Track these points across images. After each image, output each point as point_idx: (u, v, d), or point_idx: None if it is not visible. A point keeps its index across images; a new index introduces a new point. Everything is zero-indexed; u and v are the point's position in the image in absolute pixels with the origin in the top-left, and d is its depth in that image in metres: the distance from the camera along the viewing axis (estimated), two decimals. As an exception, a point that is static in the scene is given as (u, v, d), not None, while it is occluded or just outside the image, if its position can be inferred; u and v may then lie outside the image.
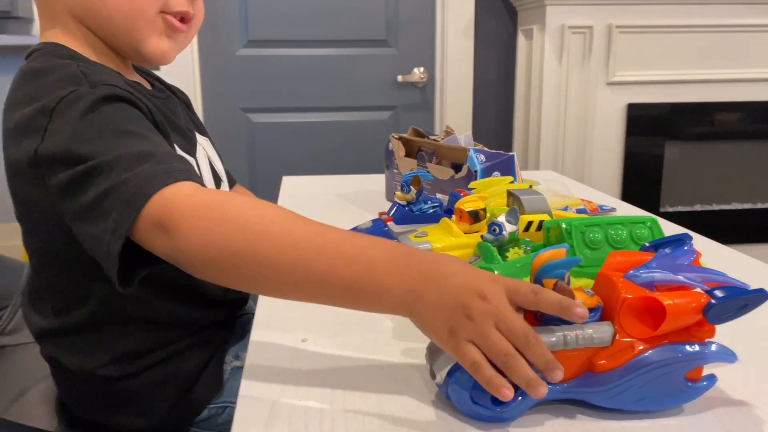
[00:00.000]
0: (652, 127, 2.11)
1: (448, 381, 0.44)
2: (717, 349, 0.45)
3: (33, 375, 0.80)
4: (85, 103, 0.55)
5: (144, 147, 0.53)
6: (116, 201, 0.50)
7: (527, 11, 2.14)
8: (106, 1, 0.64)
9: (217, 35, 2.14)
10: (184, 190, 0.50)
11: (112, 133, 0.54)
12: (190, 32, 0.71)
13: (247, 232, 0.47)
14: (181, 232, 0.48)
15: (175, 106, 0.77)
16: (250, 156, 2.24)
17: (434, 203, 0.75)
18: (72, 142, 0.53)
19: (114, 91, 0.58)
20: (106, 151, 0.52)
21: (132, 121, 0.57)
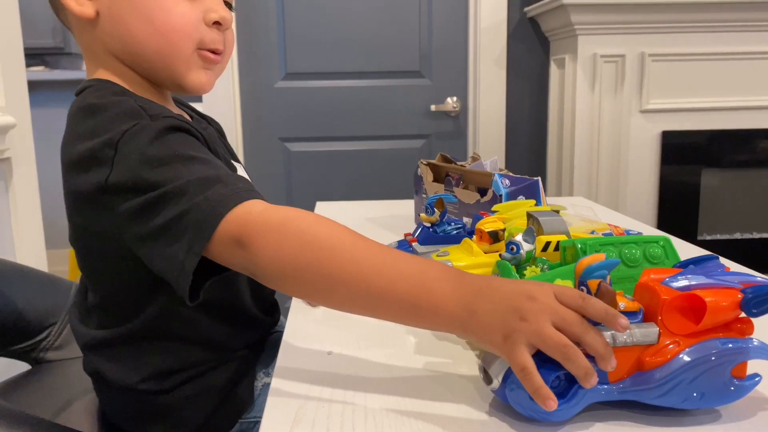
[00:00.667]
0: (688, 155, 2.10)
1: (506, 384, 0.47)
2: (759, 345, 0.48)
3: (77, 388, 0.85)
4: (150, 134, 0.59)
5: (210, 172, 0.57)
6: (190, 222, 0.54)
7: (559, 41, 2.17)
8: (144, 43, 0.68)
9: (257, 68, 2.23)
10: (256, 208, 0.54)
11: (179, 161, 0.58)
12: (224, 60, 0.75)
13: (314, 249, 0.52)
14: (256, 247, 0.52)
15: (214, 135, 0.81)
16: (288, 183, 2.31)
17: (458, 225, 0.78)
18: (142, 171, 0.57)
19: (174, 123, 0.62)
20: (175, 178, 0.56)
21: (195, 149, 0.61)
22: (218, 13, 0.70)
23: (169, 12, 0.67)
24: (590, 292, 0.48)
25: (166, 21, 0.67)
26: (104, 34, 0.69)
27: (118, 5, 0.67)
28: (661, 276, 0.50)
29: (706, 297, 0.46)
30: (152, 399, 0.72)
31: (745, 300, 0.47)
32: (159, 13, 0.67)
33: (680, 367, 0.46)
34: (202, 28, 0.70)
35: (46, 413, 0.80)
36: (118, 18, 0.68)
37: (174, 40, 0.68)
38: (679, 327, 0.47)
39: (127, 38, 0.69)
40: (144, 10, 0.67)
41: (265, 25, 2.21)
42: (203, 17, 0.69)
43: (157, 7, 0.67)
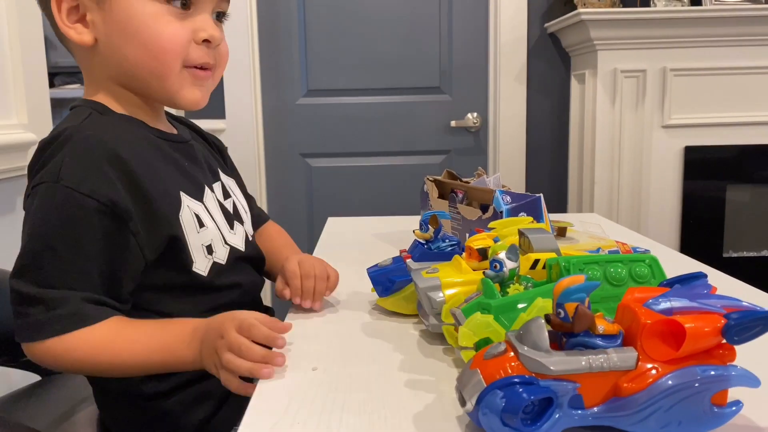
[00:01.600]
0: (712, 170, 2.06)
1: (478, 407, 0.46)
2: (740, 373, 0.46)
3: (80, 399, 0.87)
4: (43, 203, 0.67)
5: (47, 278, 0.66)
6: (18, 317, 0.67)
7: (580, 56, 2.15)
8: (139, 65, 0.72)
9: (279, 86, 2.26)
10: (51, 344, 0.66)
11: (43, 244, 0.67)
12: (215, 75, 0.79)
13: (89, 367, 0.69)
14: (48, 364, 0.69)
15: (193, 151, 0.84)
16: (309, 198, 2.33)
17: (452, 242, 0.78)
18: (24, 232, 0.68)
19: (73, 196, 0.67)
20: (21, 267, 0.67)
21: (62, 238, 0.67)
22: (207, 32, 0.74)
23: (160, 34, 0.71)
24: (567, 315, 0.47)
25: (156, 43, 0.71)
26: (103, 59, 0.74)
27: (114, 32, 0.72)
28: (644, 296, 0.49)
29: (686, 323, 0.45)
30: (148, 404, 0.74)
31: (727, 327, 0.45)
32: (150, 36, 0.71)
33: (658, 394, 0.45)
34: (190, 46, 0.73)
35: (49, 423, 0.81)
36: (115, 44, 0.72)
37: (165, 59, 0.72)
38: (658, 353, 0.46)
39: (123, 62, 0.73)
40: (137, 34, 0.71)
41: (287, 44, 2.24)
42: (193, 36, 0.73)
43: (148, 31, 0.71)
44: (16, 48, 1.33)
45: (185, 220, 0.73)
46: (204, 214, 0.77)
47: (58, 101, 3.41)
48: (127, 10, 0.70)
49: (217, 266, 0.77)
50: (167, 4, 0.71)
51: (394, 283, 0.75)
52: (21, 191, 1.34)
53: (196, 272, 0.74)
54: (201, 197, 0.78)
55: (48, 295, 0.65)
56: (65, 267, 0.66)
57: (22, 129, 1.34)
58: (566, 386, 0.46)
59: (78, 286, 0.66)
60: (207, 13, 0.75)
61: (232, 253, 0.80)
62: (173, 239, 0.72)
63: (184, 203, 0.74)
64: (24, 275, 0.66)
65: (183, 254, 0.73)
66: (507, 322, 0.55)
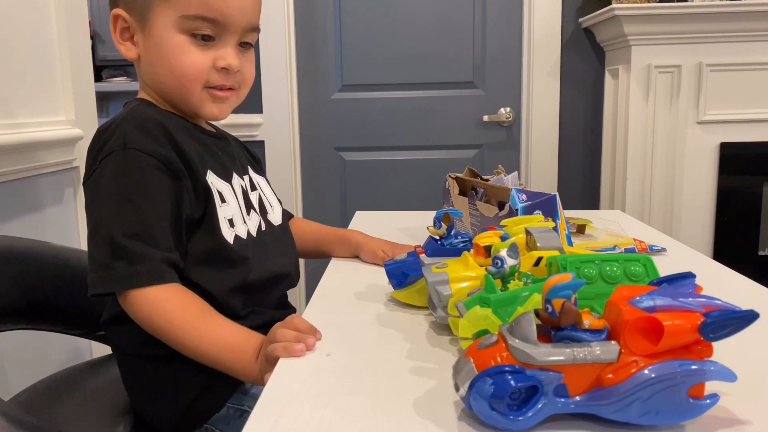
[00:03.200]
0: (748, 167, 2.03)
1: (470, 392, 0.50)
2: (717, 368, 0.49)
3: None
4: (115, 166, 0.77)
5: (126, 229, 0.75)
6: (99, 274, 0.75)
7: (614, 51, 2.15)
8: (166, 84, 0.86)
9: (314, 81, 2.32)
10: (137, 294, 0.74)
11: (119, 201, 0.76)
12: (240, 95, 0.91)
13: (166, 329, 0.75)
14: (133, 317, 0.76)
15: (228, 146, 0.95)
16: (342, 191, 2.38)
17: (464, 238, 0.81)
18: (96, 198, 0.78)
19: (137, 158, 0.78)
20: (107, 217, 0.76)
21: (136, 189, 0.77)
22: (225, 61, 0.85)
23: (182, 62, 0.83)
24: (554, 311, 0.50)
25: (179, 68, 0.84)
26: (144, 72, 0.89)
27: (150, 54, 0.85)
28: (631, 294, 0.52)
29: (665, 320, 0.48)
30: (152, 368, 0.82)
31: (703, 325, 0.48)
32: (175, 62, 0.84)
33: (637, 385, 0.48)
34: (210, 72, 0.85)
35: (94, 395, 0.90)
36: (150, 63, 0.86)
37: (185, 83, 0.85)
38: (639, 347, 0.49)
39: (156, 78, 0.87)
40: (165, 59, 0.84)
41: (323, 40, 2.30)
42: (213, 63, 0.85)
43: (173, 57, 0.83)
44: (64, 46, 1.41)
45: (208, 195, 0.83)
46: (228, 192, 0.87)
47: (106, 94, 3.55)
48: (160, 38, 0.83)
49: (240, 240, 0.85)
50: (192, 37, 0.83)
51: (407, 277, 0.79)
52: (69, 184, 1.44)
53: (225, 239, 0.83)
54: (229, 179, 0.89)
55: (132, 248, 0.74)
56: (146, 219, 0.76)
57: (70, 125, 1.42)
58: (551, 376, 0.49)
59: (159, 242, 0.76)
60: (229, 46, 0.85)
61: (249, 234, 0.88)
62: (209, 202, 0.82)
63: (209, 179, 0.84)
64: (111, 225, 0.75)
65: (213, 220, 0.82)
66: (505, 315, 0.59)
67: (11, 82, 1.25)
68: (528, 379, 0.49)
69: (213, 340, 0.74)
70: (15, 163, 1.23)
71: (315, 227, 1.13)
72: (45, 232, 1.32)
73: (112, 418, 0.85)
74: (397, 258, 0.83)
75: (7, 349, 1.21)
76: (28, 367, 1.26)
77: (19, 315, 0.94)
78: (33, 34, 1.33)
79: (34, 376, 1.00)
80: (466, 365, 0.51)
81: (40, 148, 1.30)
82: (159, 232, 0.77)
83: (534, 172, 2.30)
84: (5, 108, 1.23)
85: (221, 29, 0.84)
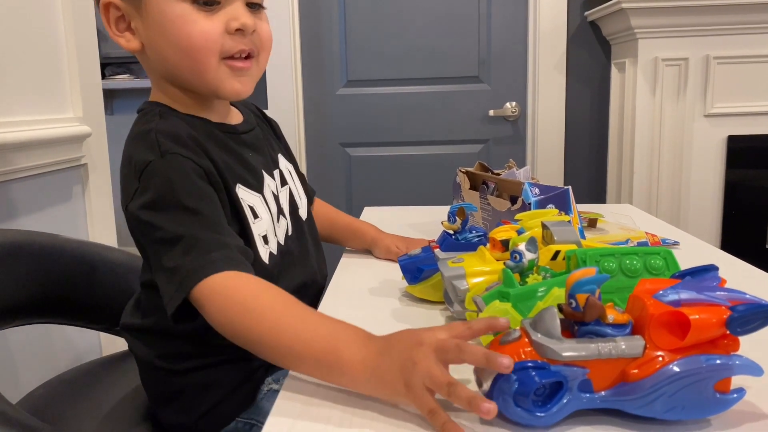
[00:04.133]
0: (755, 160, 2.02)
1: (494, 388, 0.50)
2: (743, 362, 0.49)
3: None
4: (162, 176, 0.69)
5: (193, 231, 0.67)
6: (171, 283, 0.66)
7: (620, 44, 2.14)
8: (178, 66, 0.76)
9: (319, 76, 2.31)
10: (213, 281, 0.64)
11: (175, 210, 0.68)
12: (260, 60, 0.80)
13: (246, 318, 0.62)
14: (206, 312, 0.65)
15: (257, 141, 0.88)
16: (348, 187, 2.38)
17: (479, 233, 0.81)
18: (149, 211, 0.69)
19: (179, 163, 0.71)
20: (171, 227, 0.67)
21: (191, 195, 0.69)
22: (239, 21, 0.74)
23: (190, 33, 0.73)
24: (578, 305, 0.50)
25: (188, 42, 0.73)
26: (151, 61, 0.79)
27: (153, 36, 0.75)
28: (654, 287, 0.51)
29: (691, 314, 0.47)
30: (167, 378, 0.81)
31: (730, 319, 0.47)
32: (182, 36, 0.73)
33: (663, 380, 0.48)
34: (223, 38, 0.74)
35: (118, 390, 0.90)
36: (156, 47, 0.76)
37: (198, 57, 0.74)
38: (664, 342, 0.48)
39: (166, 63, 0.77)
40: (170, 36, 0.74)
41: (328, 35, 2.29)
42: (225, 27, 0.74)
43: (179, 31, 0.73)
44: (71, 43, 1.40)
45: (240, 212, 0.77)
46: (261, 205, 0.81)
47: (110, 92, 3.54)
48: (158, 14, 0.73)
49: (273, 257, 0.81)
50: (194, 4, 0.73)
51: (422, 272, 0.79)
52: (77, 181, 1.44)
53: (262, 259, 0.78)
54: (261, 189, 0.82)
55: (204, 238, 0.66)
56: (210, 220, 0.69)
57: (78, 122, 1.42)
58: (576, 371, 0.49)
59: (230, 233, 0.70)
60: (238, 2, 0.75)
61: (278, 245, 0.83)
62: (242, 220, 0.77)
63: (239, 196, 0.78)
64: (172, 237, 0.67)
65: (250, 239, 0.77)
66: (525, 310, 0.58)
67: (19, 79, 1.25)
68: (553, 375, 0.48)
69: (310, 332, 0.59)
70: (24, 161, 1.23)
71: (331, 214, 1.10)
72: (54, 229, 1.32)
73: (130, 423, 0.85)
74: (411, 253, 0.83)
75: (25, 343, 1.21)
76: (45, 361, 1.26)
77: (39, 309, 0.94)
78: (40, 31, 1.32)
79: (48, 370, 1.01)
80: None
81: (49, 145, 1.30)
82: (227, 230, 0.70)
83: (540, 166, 2.29)
84: (13, 106, 1.23)
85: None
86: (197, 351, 0.78)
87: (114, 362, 1.05)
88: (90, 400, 0.92)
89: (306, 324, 0.60)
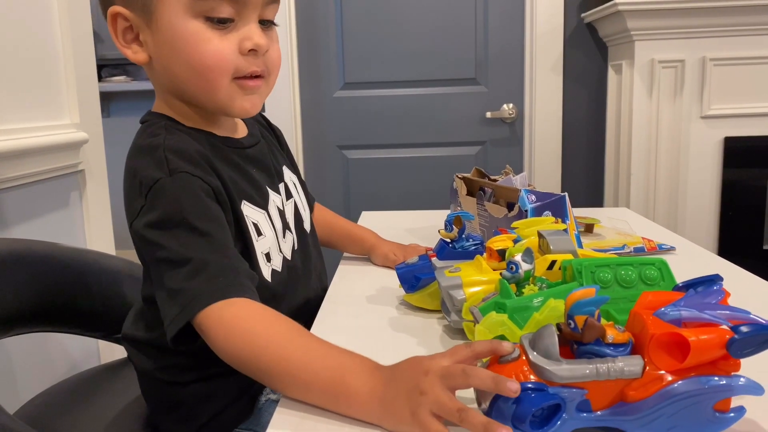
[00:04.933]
0: (752, 161, 2.03)
1: (492, 409, 0.49)
2: (744, 383, 0.48)
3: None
4: (170, 195, 0.68)
5: (202, 254, 0.66)
6: (174, 305, 0.65)
7: (617, 46, 2.14)
8: (187, 83, 0.75)
9: (316, 79, 2.31)
10: (217, 308, 0.63)
11: (183, 230, 0.67)
12: (269, 81, 0.80)
13: (253, 347, 0.61)
14: (211, 339, 0.64)
15: (261, 155, 0.87)
16: (345, 190, 2.38)
17: (475, 241, 0.81)
18: (155, 230, 0.68)
19: (187, 182, 0.70)
20: (177, 248, 0.66)
21: (199, 215, 0.68)
22: (252, 41, 0.73)
23: (203, 53, 0.72)
24: (577, 326, 0.49)
25: (200, 61, 0.72)
26: (158, 74, 0.78)
27: (162, 51, 0.74)
28: (656, 300, 0.51)
29: (691, 336, 0.47)
30: (168, 389, 0.81)
31: (731, 341, 0.47)
32: (194, 55, 0.72)
33: (662, 402, 0.47)
34: (236, 58, 0.73)
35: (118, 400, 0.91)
36: (165, 62, 0.75)
37: (210, 77, 0.73)
38: (664, 363, 0.48)
39: (174, 79, 0.76)
40: (181, 53, 0.72)
41: (324, 38, 2.29)
42: (238, 47, 0.73)
43: (191, 50, 0.72)
44: (67, 49, 1.40)
45: (244, 230, 0.77)
46: (264, 222, 0.80)
47: (106, 94, 3.54)
48: (170, 30, 0.72)
49: (276, 274, 0.80)
50: (208, 22, 0.72)
51: (420, 280, 0.79)
52: (74, 187, 1.44)
53: (264, 277, 0.77)
54: (266, 205, 0.82)
55: (213, 262, 0.65)
56: (218, 243, 0.68)
57: (75, 128, 1.42)
58: (574, 393, 0.48)
59: (239, 258, 0.69)
60: (252, 23, 0.74)
61: (284, 261, 0.83)
62: (246, 238, 0.76)
63: (244, 213, 0.77)
64: (178, 263, 0.65)
65: (252, 258, 0.76)
66: (521, 321, 0.59)
67: (15, 86, 1.25)
68: (551, 398, 0.48)
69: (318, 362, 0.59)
70: (20, 168, 1.23)
71: (330, 219, 1.10)
72: (51, 236, 1.32)
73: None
74: (408, 261, 0.83)
75: (23, 351, 1.21)
76: (43, 369, 1.26)
77: (37, 317, 0.94)
78: (36, 37, 1.32)
79: (46, 378, 1.01)
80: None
81: (46, 152, 1.30)
82: (234, 253, 0.69)
83: (537, 168, 2.29)
84: (9, 113, 1.23)
85: (240, 6, 0.72)
86: (198, 364, 0.78)
87: (113, 370, 1.05)
88: (89, 409, 0.92)
89: (313, 354, 0.59)
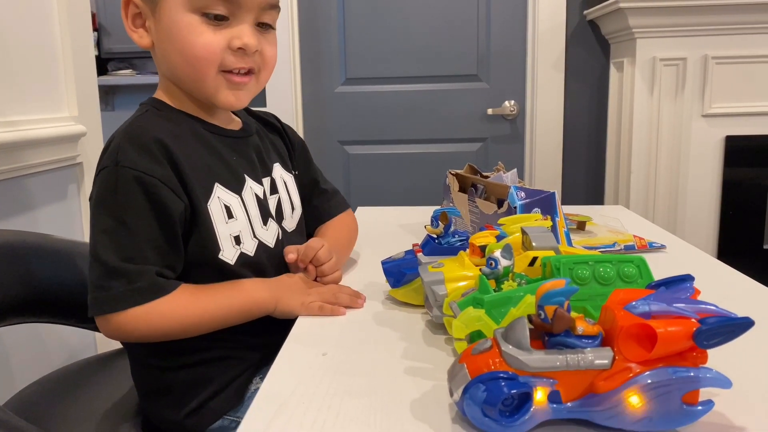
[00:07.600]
0: (753, 160, 2.02)
1: (464, 398, 0.50)
2: (712, 375, 0.49)
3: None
4: (109, 183, 0.75)
5: (117, 251, 0.73)
6: (94, 290, 0.74)
7: (619, 44, 2.13)
8: (179, 69, 0.82)
9: (318, 74, 2.32)
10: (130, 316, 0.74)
11: (109, 219, 0.74)
12: (260, 79, 0.85)
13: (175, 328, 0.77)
14: (132, 338, 0.79)
15: (245, 146, 0.89)
16: (346, 185, 2.39)
17: (461, 237, 0.81)
18: (95, 212, 0.76)
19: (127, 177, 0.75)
20: (101, 245, 0.74)
21: (132, 213, 0.74)
22: (242, 40, 0.80)
23: (194, 44, 0.79)
24: (547, 317, 0.50)
25: (191, 51, 0.79)
26: (158, 60, 0.85)
27: (162, 38, 0.81)
28: (627, 298, 0.52)
29: (659, 327, 0.47)
30: (158, 374, 0.83)
31: (698, 332, 0.47)
32: (186, 45, 0.79)
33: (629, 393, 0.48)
34: (224, 53, 0.80)
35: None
36: (163, 48, 0.82)
37: (198, 66, 0.80)
38: (632, 354, 0.49)
39: (169, 65, 0.83)
40: (176, 42, 0.79)
41: (326, 33, 2.29)
42: (228, 44, 0.80)
43: (184, 40, 0.79)
44: (66, 42, 1.41)
45: (213, 210, 0.80)
46: (237, 206, 0.83)
47: (111, 87, 3.56)
48: (170, 20, 0.79)
49: (245, 257, 0.83)
50: (204, 17, 0.78)
51: (405, 275, 0.79)
52: (72, 180, 1.45)
53: (223, 259, 0.80)
54: (240, 190, 0.85)
55: (129, 269, 0.73)
56: (139, 240, 0.74)
57: (73, 121, 1.43)
58: (544, 382, 0.49)
59: (152, 259, 0.75)
60: (246, 23, 0.80)
61: (260, 247, 0.85)
62: (205, 221, 0.79)
63: (215, 194, 0.81)
64: (105, 250, 0.73)
65: (210, 241, 0.79)
66: (498, 317, 0.59)
67: (13, 79, 1.26)
68: (521, 386, 0.49)
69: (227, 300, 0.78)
70: (18, 160, 1.24)
71: (327, 227, 1.05)
72: (49, 228, 1.33)
73: (119, 420, 0.86)
74: (395, 256, 0.84)
75: (14, 342, 1.22)
76: (35, 360, 1.27)
77: (30, 308, 0.95)
78: (35, 30, 1.33)
79: (43, 368, 1.02)
80: (460, 371, 0.52)
81: (44, 144, 1.31)
82: (153, 252, 0.75)
83: (538, 165, 2.29)
84: (8, 105, 1.24)
85: (235, 7, 0.79)
86: (191, 346, 0.80)
87: (107, 360, 1.06)
88: (80, 398, 0.93)
89: (219, 296, 0.78)
